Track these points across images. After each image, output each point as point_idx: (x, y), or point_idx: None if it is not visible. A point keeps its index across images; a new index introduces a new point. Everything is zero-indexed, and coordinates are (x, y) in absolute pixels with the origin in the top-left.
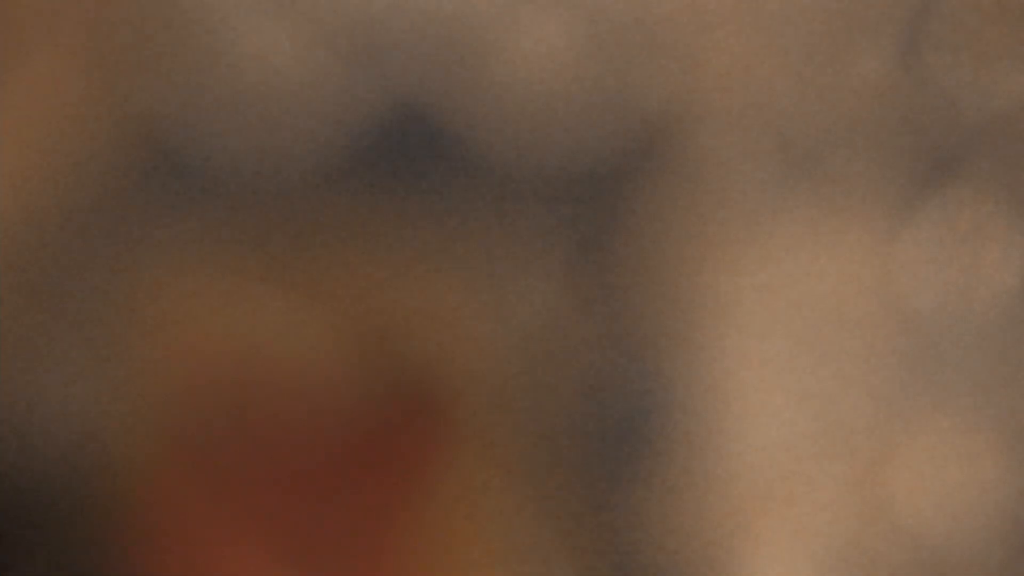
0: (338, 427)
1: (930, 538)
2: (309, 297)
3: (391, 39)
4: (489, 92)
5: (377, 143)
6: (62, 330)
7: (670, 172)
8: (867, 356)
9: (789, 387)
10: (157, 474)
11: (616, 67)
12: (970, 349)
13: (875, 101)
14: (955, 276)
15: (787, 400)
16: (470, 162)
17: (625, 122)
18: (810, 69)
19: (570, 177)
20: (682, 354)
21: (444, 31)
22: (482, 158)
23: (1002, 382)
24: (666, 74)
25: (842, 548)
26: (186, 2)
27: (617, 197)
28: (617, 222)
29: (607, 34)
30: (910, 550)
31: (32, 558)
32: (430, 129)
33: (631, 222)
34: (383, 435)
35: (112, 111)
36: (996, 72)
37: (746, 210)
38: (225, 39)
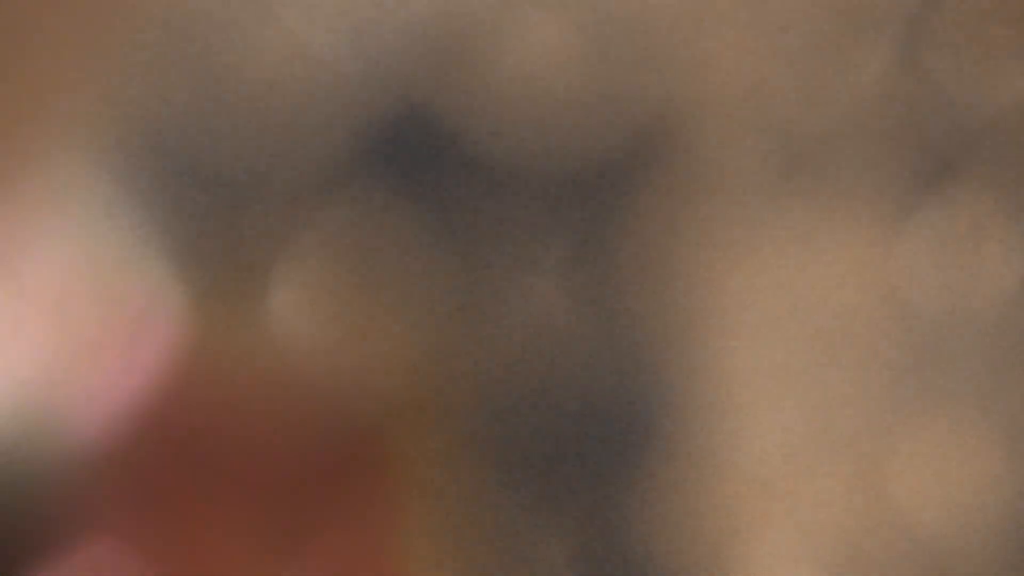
0: (335, 426)
1: (930, 538)
2: (307, 296)
3: (391, 39)
4: (489, 92)
5: (377, 143)
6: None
7: (670, 172)
8: (867, 356)
9: (789, 387)
10: (156, 475)
11: (616, 67)
12: (970, 349)
13: (875, 101)
14: (955, 276)
15: (787, 400)
16: (470, 162)
17: (625, 122)
18: (810, 69)
19: (570, 177)
20: (682, 354)
21: (444, 31)
22: (482, 158)
23: (1002, 382)
24: (666, 74)
25: (842, 547)
26: (187, 2)
27: (617, 197)
28: (617, 222)
29: (607, 34)
30: (910, 550)
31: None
32: (430, 129)
33: (631, 222)
34: (380, 433)
35: (113, 111)
36: (996, 72)
37: (746, 210)
38: (225, 39)
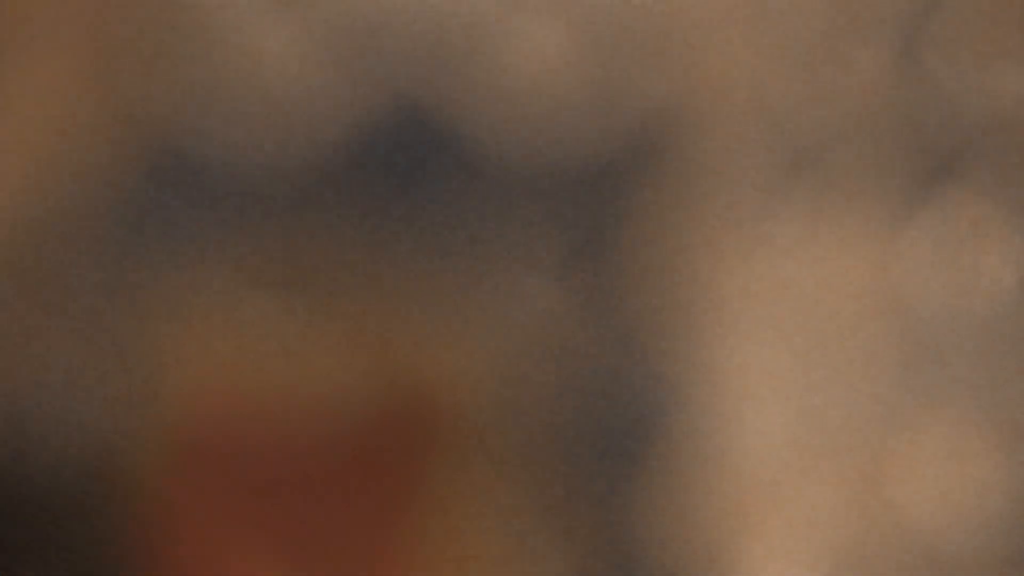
0: (337, 427)
1: (930, 538)
2: (308, 296)
3: (391, 39)
4: (489, 92)
5: (377, 143)
6: (64, 333)
7: (670, 172)
8: (867, 356)
9: (789, 386)
10: (163, 479)
11: (616, 67)
12: (970, 349)
13: (875, 101)
14: (955, 276)
15: (787, 400)
16: (470, 162)
17: (625, 122)
18: (810, 69)
19: (570, 177)
20: (682, 354)
21: (444, 31)
22: (482, 158)
23: (1002, 382)
24: (666, 74)
25: (842, 547)
26: (188, 2)
27: (617, 197)
28: (617, 222)
29: (607, 34)
30: (910, 550)
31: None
32: (430, 129)
33: (631, 222)
34: (382, 434)
35: (113, 111)
36: (996, 72)
37: (746, 210)
38: (225, 39)
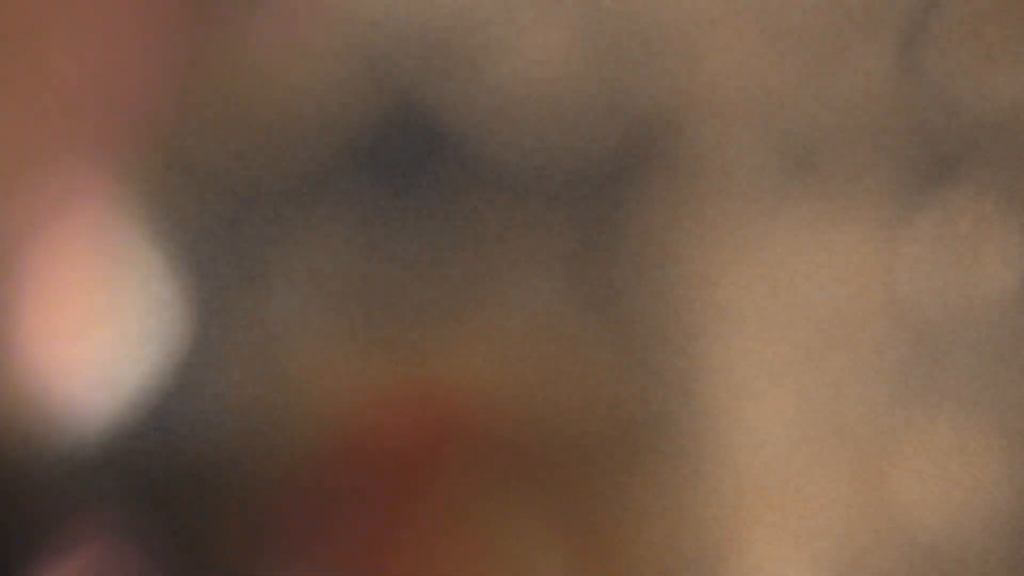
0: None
1: (930, 538)
2: (308, 297)
3: (391, 39)
4: (489, 92)
5: (377, 143)
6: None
7: (670, 172)
8: (867, 356)
9: (789, 386)
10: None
11: (616, 67)
12: (970, 349)
13: (875, 100)
14: (955, 276)
15: (787, 399)
16: (470, 162)
17: (625, 122)
18: (810, 69)
19: (570, 177)
20: (682, 353)
21: (444, 31)
22: (482, 158)
23: (1002, 382)
24: (666, 74)
25: (842, 547)
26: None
27: (617, 196)
28: (617, 221)
29: (607, 33)
30: (910, 550)
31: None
32: (430, 129)
33: (631, 221)
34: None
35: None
36: (996, 72)
37: (746, 210)
38: (225, 39)
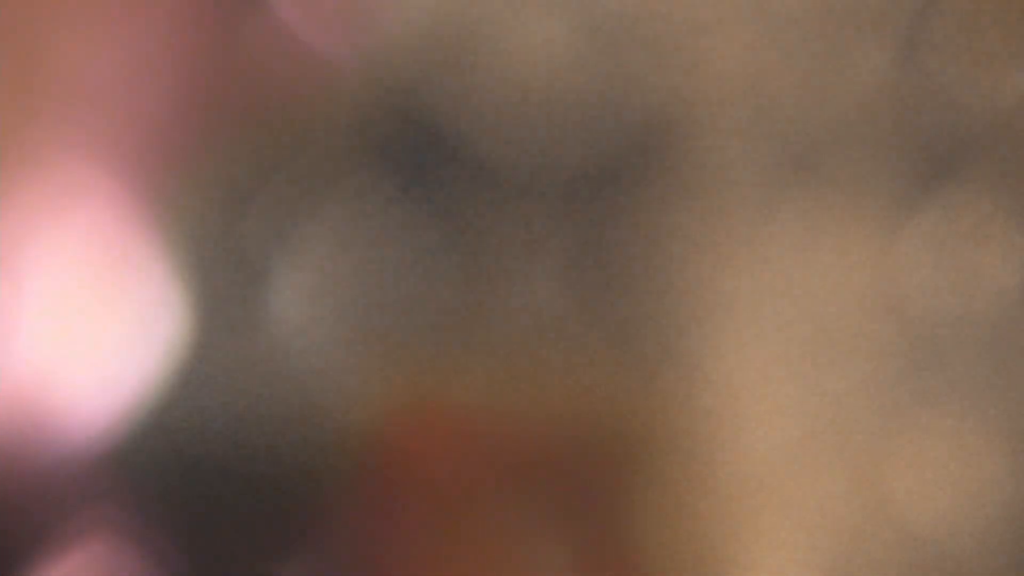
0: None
1: (930, 538)
2: (308, 297)
3: (392, 39)
4: (489, 92)
5: (377, 143)
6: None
7: (670, 172)
8: (867, 356)
9: (789, 387)
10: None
11: (616, 67)
12: (970, 349)
13: (875, 101)
14: (955, 276)
15: (787, 399)
16: (470, 162)
17: (625, 122)
18: (810, 69)
19: (570, 177)
20: (682, 354)
21: (444, 31)
22: (482, 158)
23: (1002, 382)
24: (666, 74)
25: (842, 547)
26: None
27: (617, 197)
28: (617, 222)
29: (607, 34)
30: (910, 549)
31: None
32: (430, 129)
33: (631, 222)
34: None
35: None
36: (996, 72)
37: (746, 210)
38: (225, 39)
